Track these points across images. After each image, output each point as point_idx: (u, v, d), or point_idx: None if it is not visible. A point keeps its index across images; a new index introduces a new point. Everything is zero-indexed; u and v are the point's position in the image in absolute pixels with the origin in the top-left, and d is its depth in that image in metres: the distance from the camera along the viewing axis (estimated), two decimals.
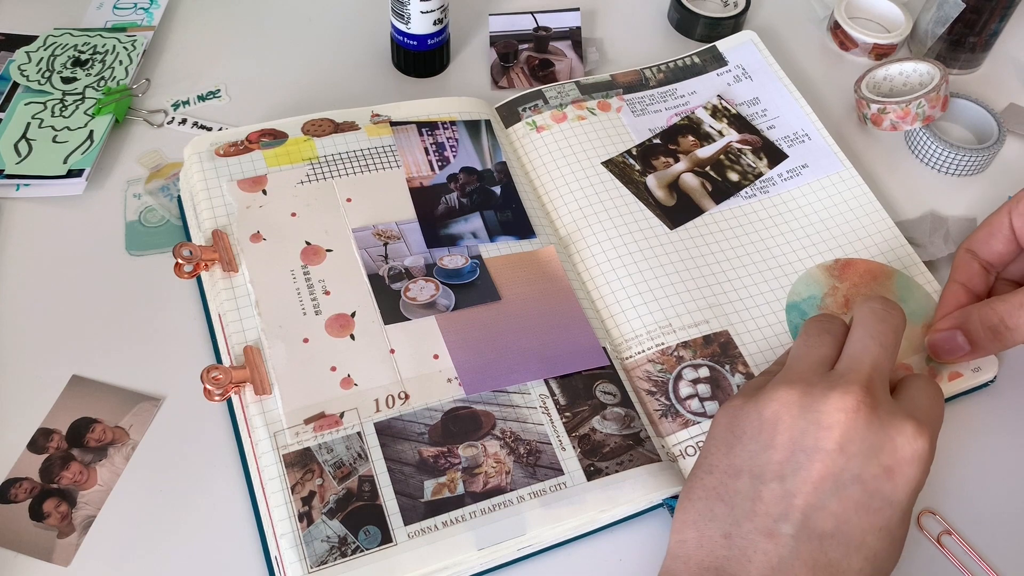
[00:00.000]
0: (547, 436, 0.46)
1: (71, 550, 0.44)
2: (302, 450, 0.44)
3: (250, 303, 0.49)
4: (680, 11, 0.70)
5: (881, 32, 0.71)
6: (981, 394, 0.52)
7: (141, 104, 0.63)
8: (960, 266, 0.50)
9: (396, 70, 0.67)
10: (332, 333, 0.48)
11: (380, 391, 0.47)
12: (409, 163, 0.56)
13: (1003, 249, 0.49)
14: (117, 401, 0.49)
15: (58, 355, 0.50)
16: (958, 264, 0.51)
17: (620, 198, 0.57)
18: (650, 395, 0.49)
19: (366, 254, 0.52)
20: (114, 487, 0.46)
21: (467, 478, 0.44)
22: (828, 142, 0.62)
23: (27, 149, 0.58)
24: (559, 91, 0.63)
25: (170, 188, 0.58)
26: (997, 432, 0.51)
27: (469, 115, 0.60)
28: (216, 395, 0.46)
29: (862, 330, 0.42)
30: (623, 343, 0.51)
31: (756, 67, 0.66)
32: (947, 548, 0.46)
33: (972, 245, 0.50)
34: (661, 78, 0.66)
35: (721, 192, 0.59)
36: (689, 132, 0.61)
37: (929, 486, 0.48)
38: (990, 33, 0.67)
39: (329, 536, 0.42)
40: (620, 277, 0.53)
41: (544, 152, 0.60)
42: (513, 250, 0.53)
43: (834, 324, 0.44)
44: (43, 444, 0.47)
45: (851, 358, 0.41)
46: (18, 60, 0.63)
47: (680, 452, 0.47)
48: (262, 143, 0.56)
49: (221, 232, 0.52)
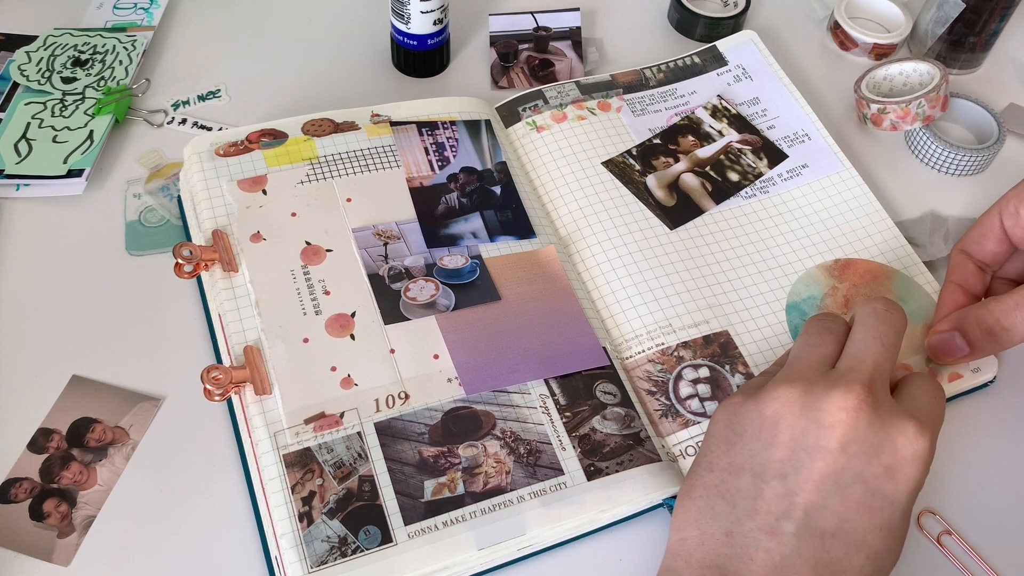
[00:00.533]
0: (547, 436, 0.46)
1: (71, 550, 0.44)
2: (302, 450, 0.44)
3: (250, 303, 0.49)
4: (680, 11, 0.70)
5: (881, 32, 0.71)
6: (981, 394, 0.52)
7: (141, 104, 0.63)
8: (955, 267, 0.51)
9: (396, 70, 0.67)
10: (332, 333, 0.48)
11: (380, 391, 0.47)
12: (409, 163, 0.56)
13: (996, 248, 0.50)
14: (117, 401, 0.49)
15: (58, 355, 0.50)
16: (953, 265, 0.51)
17: (620, 198, 0.57)
18: (650, 395, 0.49)
19: (366, 254, 0.52)
20: (114, 487, 0.46)
21: (467, 478, 0.44)
22: (828, 142, 0.62)
23: (27, 149, 0.58)
24: (559, 91, 0.63)
25: (170, 188, 0.58)
26: (997, 432, 0.51)
27: (469, 115, 0.60)
28: (216, 395, 0.46)
29: (864, 330, 0.42)
30: (623, 343, 0.51)
31: (756, 67, 0.66)
32: (947, 548, 0.46)
33: (966, 246, 0.51)
34: (661, 78, 0.66)
35: (721, 192, 0.59)
36: (689, 132, 0.61)
37: (929, 486, 0.48)
38: (990, 33, 0.67)
39: (329, 536, 0.42)
40: (620, 277, 0.53)
41: (544, 152, 0.60)
42: (513, 250, 0.53)
43: (835, 323, 0.44)
44: (43, 444, 0.47)
45: (853, 358, 0.41)
46: (18, 60, 0.63)
47: (680, 452, 0.47)
48: (262, 143, 0.56)
49: (221, 232, 0.52)
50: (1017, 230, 0.48)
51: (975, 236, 0.50)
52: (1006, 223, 0.49)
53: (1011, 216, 0.48)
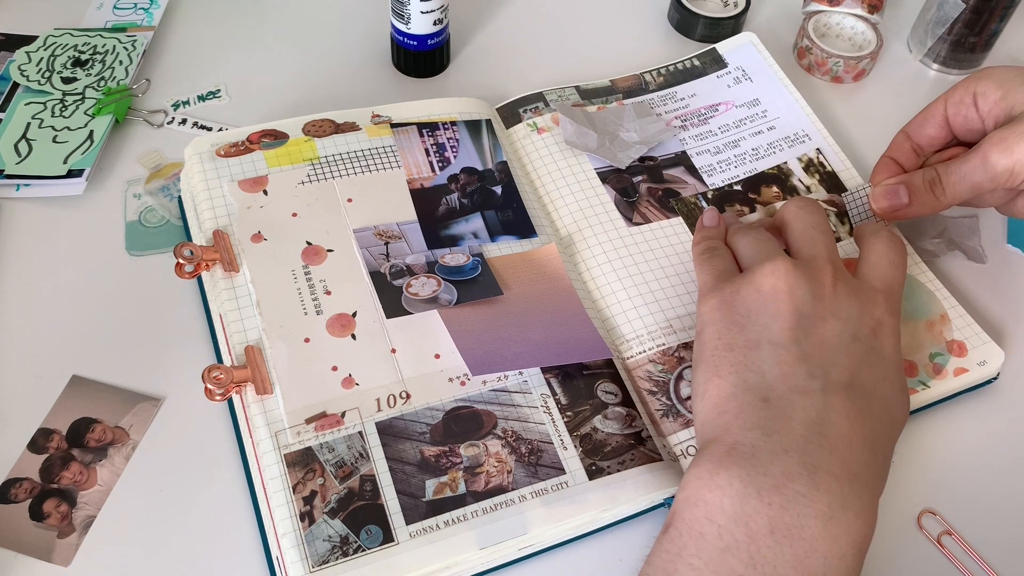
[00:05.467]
0: (548, 435, 0.46)
1: (71, 550, 0.44)
2: (303, 450, 0.44)
3: (251, 303, 0.49)
4: (680, 11, 0.70)
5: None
6: (981, 394, 0.52)
7: (141, 104, 0.63)
8: (895, 145, 0.55)
9: (396, 70, 0.67)
10: (333, 333, 0.48)
11: (381, 391, 0.47)
12: (409, 164, 0.56)
13: (935, 134, 0.54)
14: (117, 401, 0.49)
15: (58, 355, 0.50)
16: (894, 143, 0.55)
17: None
18: (651, 395, 0.49)
19: (367, 253, 0.52)
20: (114, 487, 0.46)
21: (469, 477, 0.44)
22: (829, 143, 0.62)
23: (27, 149, 0.58)
24: (559, 95, 0.63)
25: (170, 188, 0.58)
26: (997, 432, 0.51)
27: (470, 115, 0.60)
28: (217, 395, 0.46)
29: (801, 224, 0.48)
30: (624, 343, 0.51)
31: (756, 69, 0.66)
32: (947, 548, 0.46)
33: (908, 129, 0.55)
34: (661, 81, 0.66)
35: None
36: (775, 182, 0.60)
37: (929, 486, 0.48)
38: (990, 33, 0.68)
39: (331, 536, 0.42)
40: (621, 278, 0.53)
41: (545, 154, 0.60)
42: (514, 249, 0.53)
43: (718, 241, 0.50)
44: (43, 444, 0.47)
45: (807, 247, 0.46)
46: (18, 60, 0.63)
47: (681, 452, 0.47)
48: (263, 143, 0.56)
49: (222, 232, 0.52)
50: (958, 118, 0.53)
51: (919, 120, 0.55)
52: (949, 111, 0.53)
53: (955, 104, 0.53)
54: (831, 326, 0.43)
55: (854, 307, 0.44)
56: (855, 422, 0.40)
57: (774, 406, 0.41)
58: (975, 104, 0.52)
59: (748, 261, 0.47)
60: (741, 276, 0.45)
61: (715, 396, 0.42)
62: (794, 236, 0.48)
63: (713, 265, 0.48)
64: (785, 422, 0.40)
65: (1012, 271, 0.58)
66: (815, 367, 0.42)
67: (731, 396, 0.42)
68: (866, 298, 0.44)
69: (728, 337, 0.43)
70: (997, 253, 0.59)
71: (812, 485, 0.38)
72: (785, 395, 0.41)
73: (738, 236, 0.49)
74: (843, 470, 0.39)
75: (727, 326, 0.44)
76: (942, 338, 0.52)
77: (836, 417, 0.40)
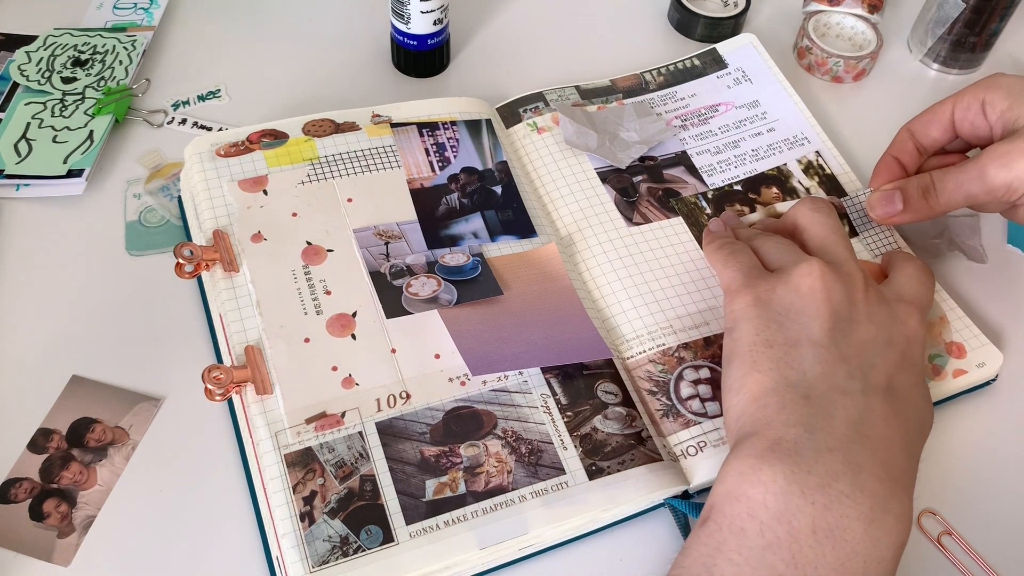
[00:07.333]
0: (549, 435, 0.46)
1: (71, 550, 0.44)
2: (303, 450, 0.44)
3: (251, 303, 0.49)
4: (680, 11, 0.70)
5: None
6: (981, 394, 0.52)
7: (141, 104, 0.63)
8: (898, 143, 0.55)
9: (396, 70, 0.67)
10: (333, 333, 0.48)
11: (381, 391, 0.47)
12: (409, 164, 0.56)
13: (938, 136, 0.54)
14: (117, 401, 0.49)
15: (58, 355, 0.50)
16: (896, 141, 0.55)
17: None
18: (651, 395, 0.49)
19: (367, 253, 0.52)
20: (114, 487, 0.46)
21: (469, 477, 0.44)
22: (828, 145, 0.62)
23: (27, 149, 0.58)
24: (559, 95, 0.63)
25: (170, 188, 0.58)
26: (997, 432, 0.51)
27: (469, 115, 0.60)
28: (217, 395, 0.46)
29: (820, 228, 0.48)
30: (624, 343, 0.51)
31: (756, 70, 0.66)
32: (947, 548, 0.46)
33: (912, 127, 0.55)
34: (661, 81, 0.66)
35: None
36: (775, 183, 0.60)
37: (929, 486, 0.48)
38: (990, 33, 0.68)
39: (331, 536, 0.42)
40: (621, 278, 0.53)
41: (545, 153, 0.60)
42: (514, 249, 0.53)
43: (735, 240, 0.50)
44: (43, 444, 0.47)
45: (828, 252, 0.47)
46: (18, 60, 0.63)
47: (682, 452, 0.47)
48: (263, 143, 0.56)
49: (222, 232, 0.52)
50: (965, 123, 0.53)
51: (924, 120, 0.54)
52: (956, 115, 0.53)
53: (963, 110, 0.52)
54: (866, 329, 0.43)
55: (885, 313, 0.44)
56: (892, 425, 0.41)
57: (816, 404, 0.40)
58: (983, 112, 0.51)
59: (780, 262, 0.46)
60: (775, 275, 0.45)
61: (755, 390, 0.42)
62: (815, 240, 0.48)
63: (739, 261, 0.47)
64: (828, 420, 0.40)
65: (1012, 271, 0.58)
66: (854, 368, 0.42)
67: (772, 391, 0.41)
68: (899, 308, 0.45)
69: (767, 333, 0.43)
70: (997, 253, 0.59)
71: (856, 486, 0.38)
72: (826, 394, 0.41)
73: (759, 239, 0.49)
74: (885, 472, 0.39)
75: (765, 323, 0.43)
76: (941, 340, 0.52)
77: (876, 419, 0.40)
